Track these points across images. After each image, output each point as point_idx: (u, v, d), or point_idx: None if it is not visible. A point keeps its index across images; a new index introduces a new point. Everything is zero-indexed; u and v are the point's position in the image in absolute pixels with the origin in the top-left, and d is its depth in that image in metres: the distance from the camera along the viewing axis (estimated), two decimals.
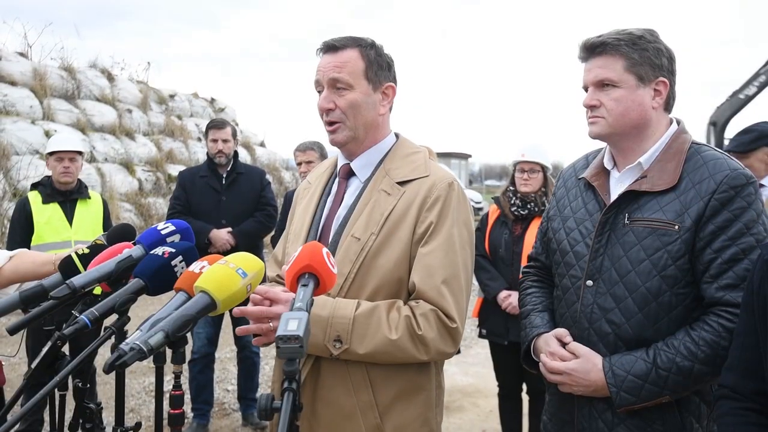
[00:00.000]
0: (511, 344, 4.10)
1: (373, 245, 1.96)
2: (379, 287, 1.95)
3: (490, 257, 4.25)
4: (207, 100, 19.32)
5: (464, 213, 2.04)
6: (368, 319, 1.87)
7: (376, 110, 2.07)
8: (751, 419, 1.57)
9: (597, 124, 2.06)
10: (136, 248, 1.82)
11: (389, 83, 2.10)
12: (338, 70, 2.00)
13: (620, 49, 2.00)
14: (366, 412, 1.94)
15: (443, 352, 1.94)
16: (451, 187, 2.01)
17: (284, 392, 1.23)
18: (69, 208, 4.70)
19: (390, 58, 2.12)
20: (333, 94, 2.02)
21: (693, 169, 1.97)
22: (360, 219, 2.01)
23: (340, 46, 2.03)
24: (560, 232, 2.22)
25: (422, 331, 1.87)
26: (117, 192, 13.39)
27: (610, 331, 2.01)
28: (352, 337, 1.86)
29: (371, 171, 2.10)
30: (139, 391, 5.93)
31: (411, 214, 1.97)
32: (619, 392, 1.93)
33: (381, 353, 1.88)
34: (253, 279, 1.59)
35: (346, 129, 2.04)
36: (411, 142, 2.20)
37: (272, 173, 17.12)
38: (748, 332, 1.60)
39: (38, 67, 14.25)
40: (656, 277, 1.94)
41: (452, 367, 6.57)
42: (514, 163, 4.30)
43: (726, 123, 16.53)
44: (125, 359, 1.32)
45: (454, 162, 42.34)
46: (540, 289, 2.36)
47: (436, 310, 1.90)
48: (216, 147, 5.19)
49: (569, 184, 2.30)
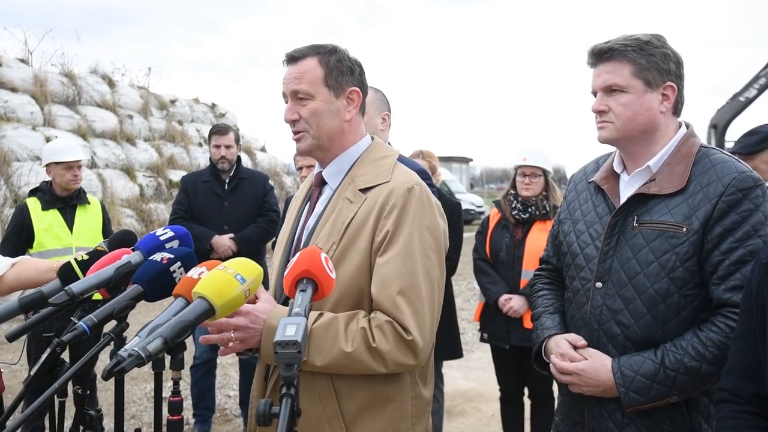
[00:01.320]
0: (513, 348, 4.10)
1: (334, 255, 1.92)
2: (340, 298, 1.91)
3: (491, 261, 4.25)
4: (208, 105, 19.34)
5: (428, 218, 1.96)
6: (326, 332, 1.84)
7: (341, 117, 2.04)
8: (751, 422, 1.57)
9: (606, 129, 2.09)
10: (134, 254, 1.82)
11: (352, 87, 2.05)
12: (297, 82, 1.99)
13: (628, 55, 2.02)
14: (332, 422, 1.92)
15: (402, 364, 1.88)
16: (411, 192, 1.94)
17: (282, 398, 1.23)
18: (69, 214, 4.69)
19: (354, 62, 2.08)
20: (296, 104, 2.01)
21: (701, 172, 1.99)
22: (324, 228, 1.99)
23: (299, 56, 2.01)
24: (570, 234, 2.25)
25: (377, 343, 1.83)
26: (118, 198, 13.41)
27: (619, 332, 2.04)
28: (309, 350, 1.83)
29: (341, 178, 2.07)
30: (140, 398, 5.92)
31: (370, 222, 1.93)
32: (628, 392, 1.96)
33: (338, 365, 1.86)
34: (251, 284, 1.58)
35: (309, 137, 2.02)
36: (383, 146, 2.16)
37: (273, 178, 17.13)
38: (747, 335, 1.61)
39: (39, 73, 14.27)
40: (665, 278, 1.97)
41: (454, 371, 6.57)
42: (516, 167, 4.30)
43: (726, 125, 16.55)
44: (123, 365, 1.32)
45: (455, 166, 42.39)
46: (551, 291, 2.38)
47: (392, 322, 1.85)
48: (219, 153, 5.18)
49: (580, 188, 2.33)
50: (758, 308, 1.56)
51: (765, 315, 1.53)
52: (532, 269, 4.03)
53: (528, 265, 4.05)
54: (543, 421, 4.26)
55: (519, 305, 4.02)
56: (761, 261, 1.58)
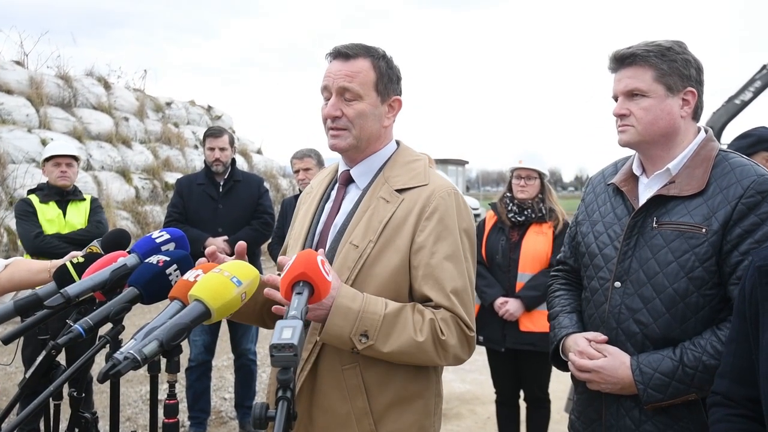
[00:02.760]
0: (509, 351, 4.10)
1: (371, 253, 1.96)
2: (378, 294, 1.93)
3: (487, 264, 4.24)
4: (204, 107, 19.33)
5: (466, 221, 2.05)
6: (396, 318, 1.87)
7: (381, 122, 2.07)
8: (743, 425, 1.58)
9: (626, 133, 2.13)
10: (130, 257, 1.82)
11: (396, 96, 2.09)
12: (349, 80, 1.99)
13: (649, 60, 2.06)
14: (361, 419, 1.94)
15: (460, 358, 1.97)
16: (451, 196, 2.02)
17: (278, 401, 1.23)
18: (63, 206, 4.94)
19: (399, 71, 2.11)
20: (341, 102, 2.01)
21: (720, 174, 2.03)
22: (359, 226, 2.00)
23: (352, 54, 2.01)
24: (589, 235, 2.28)
25: (445, 336, 1.89)
26: (114, 200, 13.37)
27: (638, 330, 2.07)
28: (379, 334, 1.85)
29: (370, 178, 2.10)
30: (135, 400, 5.91)
31: (410, 222, 1.97)
32: (647, 389, 1.99)
33: (403, 353, 1.89)
34: (247, 287, 1.59)
35: (350, 137, 2.03)
36: (412, 150, 2.20)
37: (269, 180, 17.11)
38: (741, 339, 1.61)
39: (34, 75, 14.23)
40: (684, 278, 2.00)
41: (449, 374, 6.56)
42: (511, 170, 4.31)
43: (722, 128, 16.60)
44: (119, 368, 1.32)
45: (451, 168, 42.41)
46: (568, 291, 2.42)
47: (456, 317, 1.92)
48: (213, 155, 5.18)
49: (598, 190, 2.36)
50: (752, 312, 1.57)
51: (758, 319, 1.54)
52: (527, 272, 4.07)
53: (524, 268, 4.06)
54: (538, 424, 4.26)
55: (515, 308, 4.02)
56: (755, 264, 1.59)
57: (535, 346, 3.97)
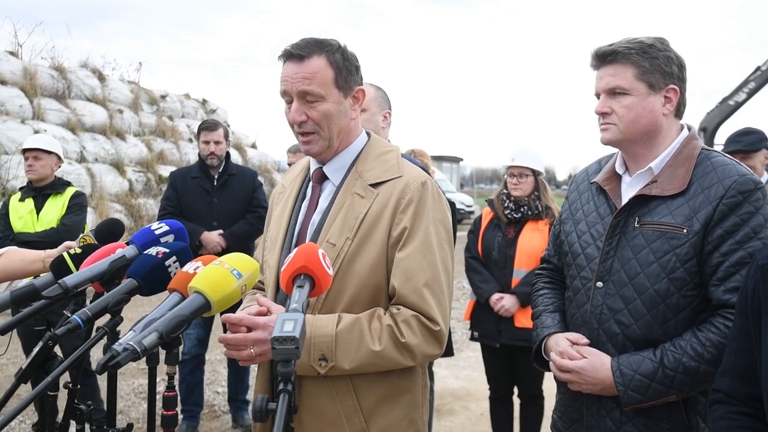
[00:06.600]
0: (503, 347, 4.11)
1: (349, 250, 1.92)
2: (357, 292, 1.92)
3: (483, 260, 4.25)
4: (198, 101, 19.24)
5: (440, 211, 2.01)
6: (350, 334, 1.84)
7: (348, 116, 2.02)
8: (745, 423, 1.58)
9: (608, 131, 2.11)
10: (129, 248, 1.81)
11: (358, 87, 2.03)
12: (307, 83, 1.91)
13: (631, 58, 2.04)
14: (351, 417, 1.93)
15: (429, 355, 1.93)
16: (425, 187, 1.98)
17: (279, 394, 1.22)
18: (40, 202, 4.85)
19: (356, 59, 2.04)
20: (303, 105, 1.94)
21: (702, 174, 2.02)
22: (335, 224, 1.97)
23: (305, 54, 1.92)
24: (572, 234, 2.27)
25: (406, 338, 1.85)
26: (107, 192, 13.32)
27: (618, 331, 2.06)
28: (336, 354, 1.83)
29: (344, 174, 2.06)
30: (128, 393, 5.89)
31: (385, 216, 1.94)
32: (627, 391, 1.99)
33: (367, 365, 1.86)
34: (247, 280, 1.58)
35: (321, 139, 1.99)
36: (382, 141, 2.16)
37: (264, 175, 17.08)
38: (742, 337, 1.61)
39: (28, 66, 14.15)
40: (665, 279, 1.99)
41: (443, 370, 6.57)
42: (505, 168, 4.33)
43: (716, 129, 16.65)
44: (118, 360, 1.31)
45: (445, 165, 42.39)
46: (552, 290, 2.41)
47: (417, 316, 1.88)
48: (208, 149, 5.17)
49: (582, 188, 2.35)
50: (754, 310, 1.56)
51: (760, 317, 1.54)
52: (523, 269, 4.07)
53: (520, 265, 4.07)
54: (532, 421, 4.27)
55: (510, 304, 4.03)
56: (758, 263, 1.59)
57: (530, 343, 3.96)
